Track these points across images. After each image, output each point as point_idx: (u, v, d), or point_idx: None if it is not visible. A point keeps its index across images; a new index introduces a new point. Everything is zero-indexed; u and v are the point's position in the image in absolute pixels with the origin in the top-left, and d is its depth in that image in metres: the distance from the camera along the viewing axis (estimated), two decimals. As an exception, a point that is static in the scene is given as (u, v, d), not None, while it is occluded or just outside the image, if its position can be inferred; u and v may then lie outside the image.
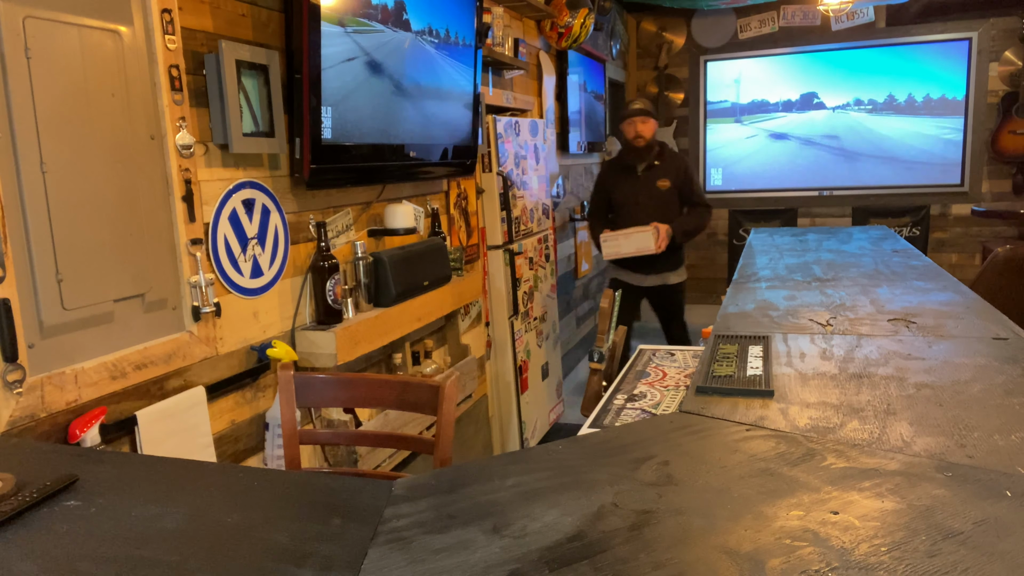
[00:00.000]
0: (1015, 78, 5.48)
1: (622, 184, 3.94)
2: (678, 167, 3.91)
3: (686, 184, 3.91)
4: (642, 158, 3.86)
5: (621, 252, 3.78)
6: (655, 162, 3.88)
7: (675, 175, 3.88)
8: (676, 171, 3.89)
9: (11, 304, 1.45)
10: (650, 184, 3.87)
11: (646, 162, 3.86)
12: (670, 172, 3.88)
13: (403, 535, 0.86)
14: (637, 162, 3.88)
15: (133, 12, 1.74)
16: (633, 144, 3.85)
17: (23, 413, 1.47)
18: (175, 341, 1.85)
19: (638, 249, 3.74)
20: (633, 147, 3.86)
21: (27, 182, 1.50)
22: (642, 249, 3.74)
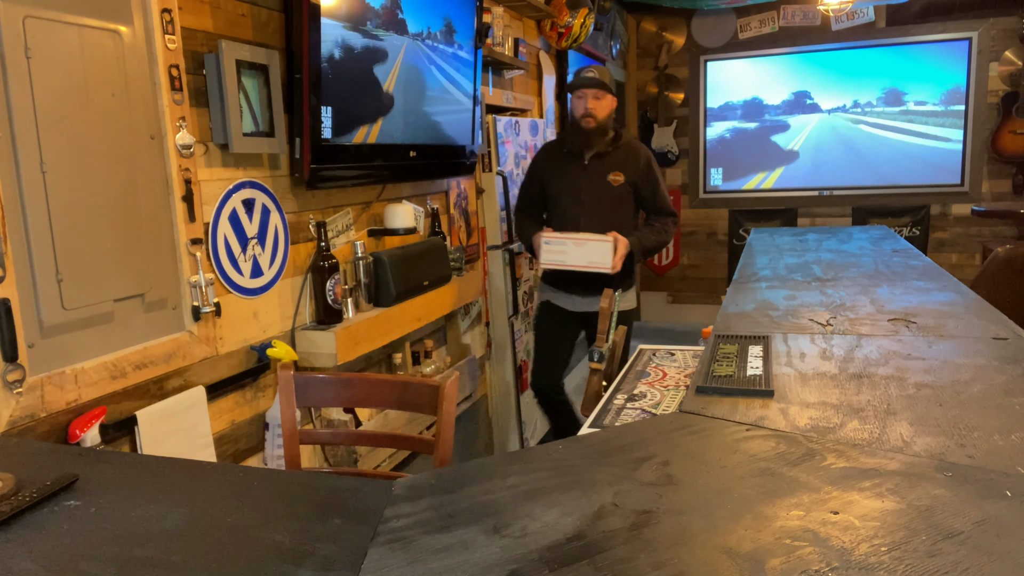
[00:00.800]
0: (1015, 78, 5.48)
1: (561, 174, 3.04)
2: (637, 160, 3.01)
3: (648, 184, 3.04)
4: (590, 143, 2.96)
5: (566, 262, 2.85)
6: (607, 150, 3.00)
7: (632, 170, 3.00)
8: (634, 165, 3.01)
9: (11, 304, 1.45)
10: (598, 177, 3.00)
11: (595, 149, 2.97)
12: (626, 165, 3.00)
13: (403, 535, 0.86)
14: (584, 148, 2.98)
15: (133, 12, 1.74)
16: (580, 124, 2.96)
17: (23, 413, 1.47)
18: (175, 341, 1.85)
19: (589, 263, 2.84)
20: (580, 128, 2.96)
21: (27, 182, 1.50)
22: (593, 264, 2.84)
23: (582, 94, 2.94)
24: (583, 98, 2.93)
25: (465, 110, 3.04)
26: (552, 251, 2.86)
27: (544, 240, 2.86)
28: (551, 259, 2.84)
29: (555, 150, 3.12)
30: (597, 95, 2.93)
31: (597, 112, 2.93)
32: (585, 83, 2.92)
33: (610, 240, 2.82)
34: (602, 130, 2.95)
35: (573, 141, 3.01)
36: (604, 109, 2.95)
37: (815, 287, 2.25)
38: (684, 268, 6.61)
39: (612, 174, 2.99)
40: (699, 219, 6.50)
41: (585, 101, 2.93)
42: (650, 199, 3.06)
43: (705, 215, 6.48)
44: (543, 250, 2.86)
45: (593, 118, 2.93)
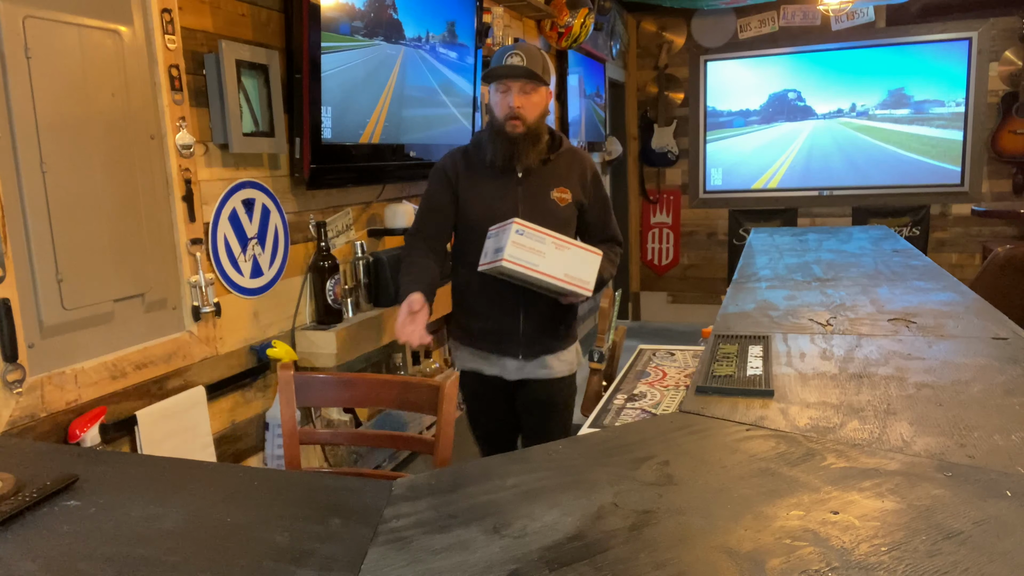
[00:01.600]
0: (1015, 78, 5.48)
1: (486, 192, 2.16)
2: (583, 173, 2.23)
3: (596, 204, 2.26)
4: (520, 154, 2.12)
5: (537, 268, 1.95)
6: (548, 158, 2.18)
7: (579, 185, 2.21)
8: (580, 179, 2.22)
9: (11, 304, 1.45)
10: (539, 196, 2.16)
11: (531, 160, 2.14)
12: (571, 179, 2.20)
13: (403, 535, 0.86)
14: (514, 160, 2.13)
15: (133, 12, 1.74)
16: (505, 129, 2.09)
17: (23, 413, 1.47)
18: (175, 341, 1.85)
19: (566, 277, 1.98)
20: (503, 134, 2.10)
21: (27, 182, 1.50)
22: (571, 280, 1.99)
23: (505, 86, 2.07)
24: (507, 92, 2.07)
25: (465, 109, 3.04)
26: (523, 247, 1.92)
27: (517, 228, 1.92)
28: (518, 258, 1.92)
29: (470, 158, 2.21)
30: (526, 88, 2.06)
31: (527, 111, 2.06)
32: (508, 72, 2.05)
33: (600, 253, 2.03)
34: (534, 136, 2.10)
35: (495, 151, 2.12)
36: (536, 107, 2.09)
37: (815, 287, 2.25)
38: (684, 268, 6.61)
39: (557, 190, 2.16)
40: (699, 219, 6.50)
41: (510, 97, 2.06)
42: (599, 223, 2.27)
43: (705, 215, 6.48)
44: (512, 242, 1.90)
45: (521, 120, 2.06)
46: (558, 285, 1.96)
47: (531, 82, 2.07)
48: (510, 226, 1.91)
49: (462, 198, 2.18)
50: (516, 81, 2.06)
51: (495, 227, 1.99)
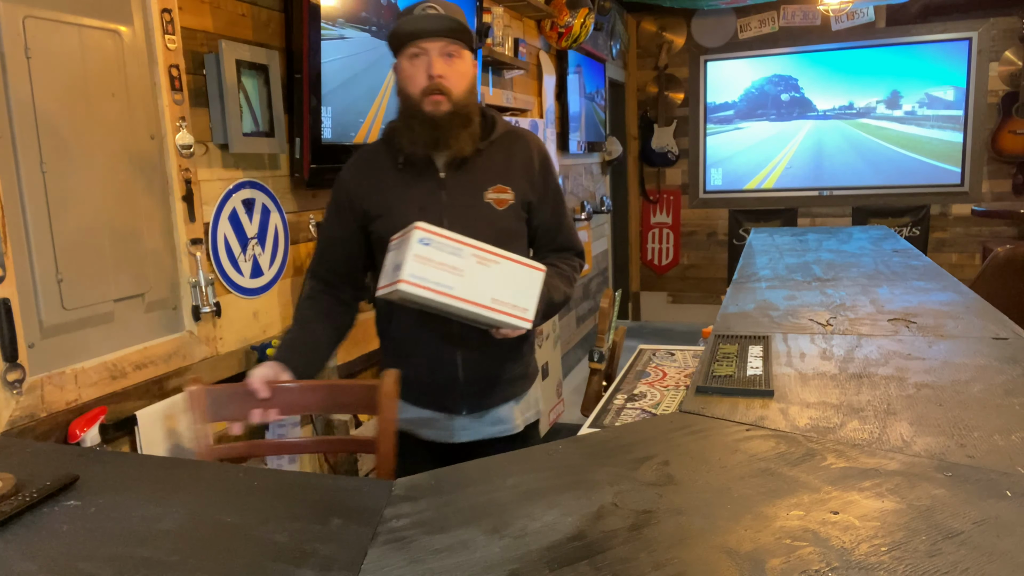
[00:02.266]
0: (1015, 78, 5.48)
1: (398, 200, 1.63)
2: (528, 161, 1.68)
3: (548, 201, 1.71)
4: (445, 139, 1.58)
5: (452, 293, 1.37)
6: (480, 147, 1.63)
7: (523, 179, 1.67)
8: (525, 170, 1.67)
9: (11, 304, 1.45)
10: (469, 197, 1.63)
11: (456, 148, 1.59)
12: (512, 171, 1.66)
13: (403, 535, 0.86)
14: (432, 148, 1.60)
15: (133, 12, 1.74)
16: (422, 108, 1.55)
17: (23, 413, 1.47)
18: (175, 341, 1.85)
19: (494, 303, 1.41)
20: (421, 114, 1.56)
21: (27, 182, 1.50)
22: (503, 308, 1.42)
23: (419, 49, 1.53)
24: (421, 57, 1.53)
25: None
26: (430, 262, 1.34)
27: (420, 237, 1.35)
28: (424, 279, 1.33)
29: (379, 160, 1.65)
30: (448, 49, 1.53)
31: (451, 82, 1.54)
32: (424, 29, 1.52)
33: (543, 269, 1.45)
34: (463, 116, 1.57)
35: (411, 139, 1.57)
36: (463, 77, 1.57)
37: (815, 287, 2.25)
38: (684, 268, 6.61)
39: (493, 189, 1.62)
40: (699, 219, 6.50)
41: (427, 62, 1.52)
42: (551, 225, 1.72)
43: (705, 215, 6.48)
44: (413, 257, 1.34)
45: (446, 95, 1.53)
46: (484, 315, 1.36)
47: (455, 42, 1.52)
48: (412, 234, 1.32)
49: (372, 213, 1.61)
50: (435, 41, 1.51)
51: (396, 236, 1.43)
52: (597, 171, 5.77)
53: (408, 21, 1.53)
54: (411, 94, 1.55)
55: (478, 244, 1.39)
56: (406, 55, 1.55)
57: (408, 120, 1.58)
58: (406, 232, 1.38)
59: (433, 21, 1.52)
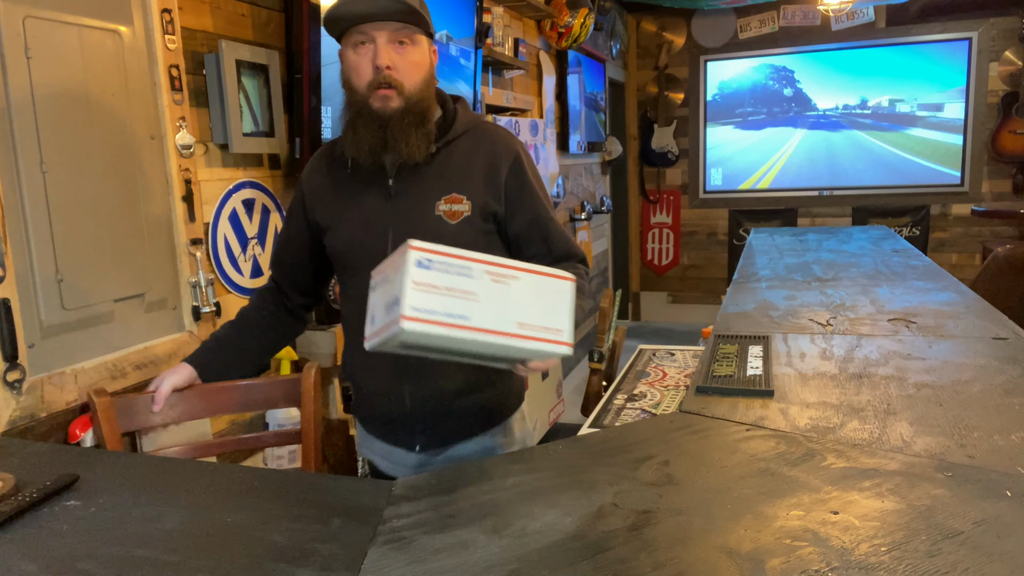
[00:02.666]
0: (1015, 78, 5.48)
1: (342, 211, 1.46)
2: (492, 163, 1.44)
3: (523, 207, 1.46)
4: (394, 141, 1.36)
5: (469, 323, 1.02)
6: (432, 150, 1.41)
7: (487, 183, 1.43)
8: (490, 172, 1.43)
9: (11, 304, 1.45)
10: (416, 210, 1.41)
11: (406, 152, 1.37)
12: (472, 175, 1.43)
13: (403, 535, 0.86)
14: (380, 152, 1.38)
15: (133, 12, 1.74)
16: (369, 104, 1.34)
17: (23, 413, 1.47)
18: (175, 341, 1.85)
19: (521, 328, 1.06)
20: (369, 112, 1.35)
21: (27, 182, 1.50)
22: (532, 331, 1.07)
23: (364, 35, 1.32)
24: (368, 43, 1.32)
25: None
26: (435, 289, 1.02)
27: (416, 259, 1.01)
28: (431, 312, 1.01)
29: (335, 160, 1.48)
30: (398, 36, 1.32)
31: (402, 73, 1.33)
32: (369, 12, 1.30)
33: (572, 278, 1.12)
34: (416, 113, 1.35)
35: (356, 142, 1.37)
36: (417, 68, 1.36)
37: (815, 287, 2.25)
38: (684, 268, 6.61)
39: (446, 199, 1.40)
40: (699, 219, 6.50)
41: (373, 50, 1.32)
42: (534, 237, 1.47)
43: (705, 215, 6.48)
44: (412, 285, 1.00)
45: (395, 88, 1.32)
46: (511, 345, 1.06)
47: (407, 27, 1.31)
48: (405, 257, 1.01)
49: (321, 224, 1.45)
50: (382, 27, 1.29)
51: (378, 270, 1.12)
52: (597, 171, 5.77)
53: (349, 1, 1.29)
54: (356, 87, 1.34)
55: (488, 258, 1.07)
56: (350, 42, 1.34)
57: (353, 119, 1.36)
58: (395, 259, 1.06)
59: (379, 2, 1.28)
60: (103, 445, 1.44)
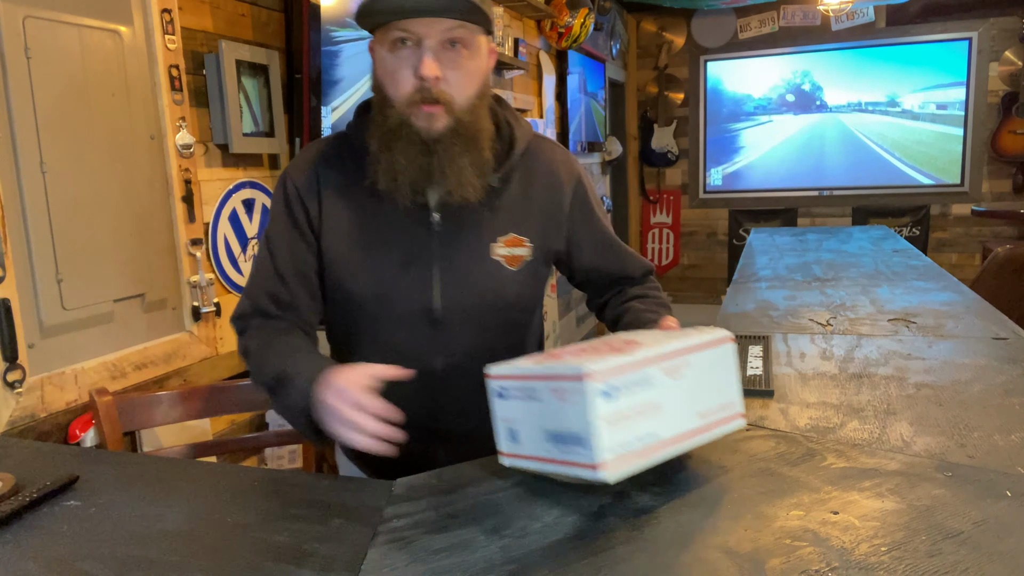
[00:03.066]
0: (1015, 78, 5.48)
1: (366, 240, 1.15)
2: (555, 192, 1.22)
3: (589, 233, 1.27)
4: (446, 172, 1.08)
5: (661, 437, 0.88)
6: (494, 185, 1.15)
7: (550, 219, 1.22)
8: (552, 206, 1.22)
9: (11, 304, 1.45)
10: (469, 254, 1.16)
11: (464, 184, 1.10)
12: (533, 215, 1.20)
13: (403, 535, 0.86)
14: (425, 183, 1.10)
15: (133, 12, 1.74)
16: (410, 121, 1.07)
17: (23, 413, 1.47)
18: (175, 341, 1.85)
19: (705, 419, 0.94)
20: (411, 133, 1.07)
21: (27, 182, 1.50)
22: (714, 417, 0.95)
23: (406, 33, 1.05)
24: (410, 47, 1.06)
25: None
26: (625, 419, 0.84)
27: (602, 390, 0.81)
28: (627, 446, 0.84)
29: (344, 168, 1.19)
30: (452, 35, 1.05)
31: (453, 85, 1.08)
32: (417, 5, 1.02)
33: (731, 336, 0.99)
34: (469, 134, 1.10)
35: (390, 171, 1.10)
36: (471, 76, 1.10)
37: (815, 287, 2.25)
38: (684, 268, 6.61)
39: (505, 240, 1.18)
40: (699, 219, 6.50)
41: (418, 56, 1.05)
42: (609, 263, 1.31)
43: (705, 215, 6.48)
44: (602, 425, 0.82)
45: (443, 104, 1.07)
46: (696, 442, 0.93)
47: (464, 25, 1.04)
48: (582, 391, 0.82)
49: (329, 255, 1.16)
50: (433, 25, 1.02)
51: (504, 374, 0.94)
52: (597, 171, 5.77)
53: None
54: (392, 98, 1.07)
55: (654, 348, 0.89)
56: (387, 39, 1.05)
57: (387, 138, 1.07)
58: (545, 377, 0.88)
59: (426, 5, 0.99)
60: (103, 445, 1.44)
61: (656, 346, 0.90)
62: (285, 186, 1.20)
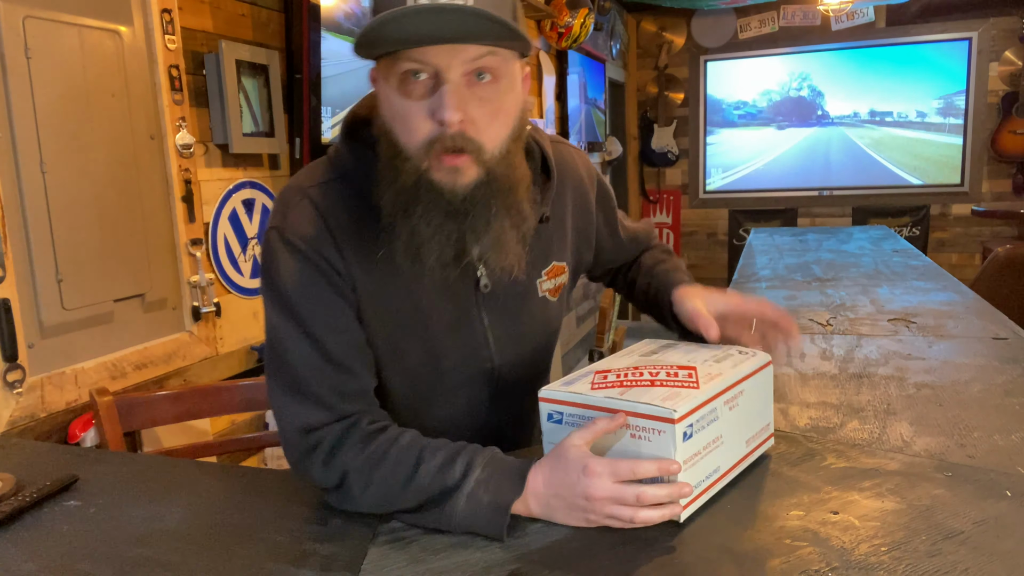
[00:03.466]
0: (1015, 78, 5.48)
1: (414, 313, 0.97)
2: (584, 207, 1.12)
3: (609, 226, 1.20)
4: (475, 234, 0.86)
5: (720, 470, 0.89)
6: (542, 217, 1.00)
7: (581, 238, 1.13)
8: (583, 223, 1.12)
9: (11, 304, 1.45)
10: (519, 301, 1.04)
11: (506, 241, 0.89)
12: (568, 234, 1.10)
13: (403, 535, 0.86)
14: (459, 253, 0.88)
15: (133, 12, 1.74)
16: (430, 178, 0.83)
17: (23, 413, 1.47)
18: (175, 341, 1.85)
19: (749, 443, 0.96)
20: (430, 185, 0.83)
21: (27, 182, 1.50)
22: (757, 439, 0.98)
23: (419, 64, 0.81)
24: (426, 76, 0.81)
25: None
26: (698, 458, 0.84)
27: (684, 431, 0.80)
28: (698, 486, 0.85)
29: (361, 235, 0.93)
30: (479, 64, 0.81)
31: (483, 127, 0.83)
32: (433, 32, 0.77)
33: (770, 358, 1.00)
34: (507, 185, 0.87)
35: (416, 244, 0.86)
36: (505, 115, 0.86)
37: (815, 287, 2.25)
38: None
39: (549, 272, 1.08)
40: (699, 219, 6.50)
41: (437, 95, 0.81)
42: (622, 247, 1.25)
43: (705, 215, 6.48)
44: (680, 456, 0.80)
45: (471, 153, 0.83)
46: (742, 467, 0.95)
47: (495, 51, 0.82)
48: (668, 433, 0.80)
49: (380, 341, 0.98)
50: (455, 55, 0.80)
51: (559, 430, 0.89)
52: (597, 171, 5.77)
53: (400, 14, 0.74)
54: (404, 147, 0.84)
55: (718, 381, 0.88)
56: (394, 71, 0.82)
57: (402, 199, 0.85)
58: (620, 407, 0.83)
59: (454, 14, 0.75)
60: (104, 445, 1.44)
61: (709, 370, 0.90)
62: (297, 248, 0.92)
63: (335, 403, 0.92)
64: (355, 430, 0.90)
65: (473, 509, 0.82)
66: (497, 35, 0.79)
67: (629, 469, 0.79)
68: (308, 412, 0.91)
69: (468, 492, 0.82)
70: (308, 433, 0.91)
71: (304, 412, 0.91)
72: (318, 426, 0.91)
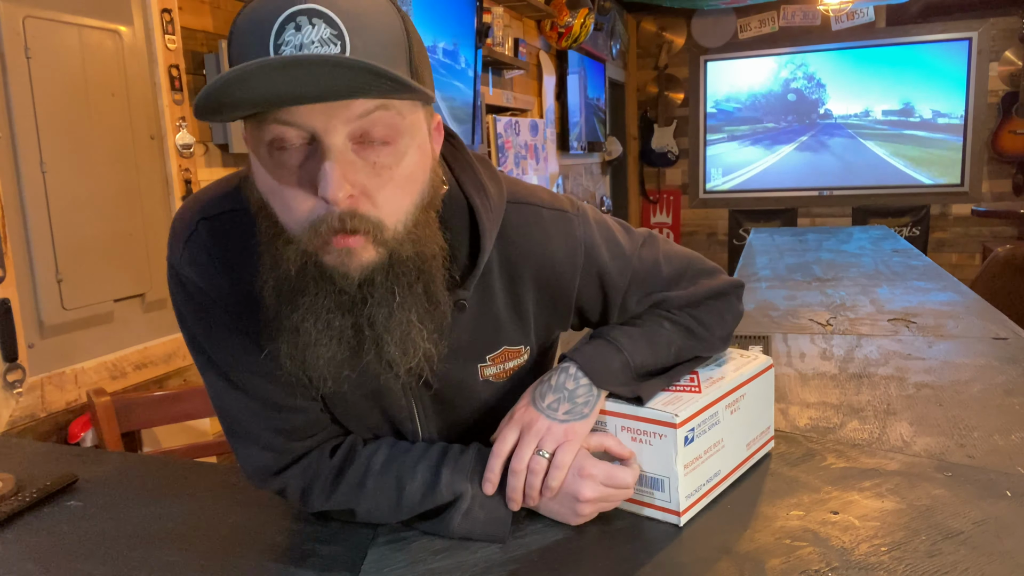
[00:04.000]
0: (1015, 78, 5.48)
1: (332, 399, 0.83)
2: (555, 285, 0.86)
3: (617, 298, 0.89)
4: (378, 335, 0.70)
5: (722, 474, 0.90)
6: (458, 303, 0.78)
7: (551, 313, 0.89)
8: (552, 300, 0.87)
9: (11, 304, 1.45)
10: (456, 387, 0.86)
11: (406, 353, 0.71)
12: (528, 313, 0.86)
13: (403, 535, 0.86)
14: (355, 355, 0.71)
15: (133, 12, 1.74)
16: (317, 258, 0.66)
17: (23, 413, 1.47)
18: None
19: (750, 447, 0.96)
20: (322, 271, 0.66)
21: (27, 182, 1.50)
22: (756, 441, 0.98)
23: (294, 126, 0.62)
24: (298, 143, 0.63)
25: (465, 110, 3.04)
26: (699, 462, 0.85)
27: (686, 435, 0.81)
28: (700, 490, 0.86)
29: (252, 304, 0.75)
30: (367, 124, 0.63)
31: (380, 201, 0.66)
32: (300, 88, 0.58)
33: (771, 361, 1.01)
34: (415, 265, 0.70)
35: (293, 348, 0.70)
36: (407, 183, 0.68)
37: (815, 287, 2.25)
38: (684, 268, 6.61)
39: (493, 358, 0.87)
40: (699, 219, 6.50)
41: (324, 174, 0.62)
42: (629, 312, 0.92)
43: (705, 215, 6.48)
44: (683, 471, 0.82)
45: (368, 233, 0.65)
46: (742, 471, 0.95)
47: (386, 104, 0.64)
48: (670, 438, 0.81)
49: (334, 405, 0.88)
50: (334, 114, 0.62)
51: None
52: (597, 171, 5.77)
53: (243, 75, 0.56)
54: (286, 227, 0.68)
55: (719, 386, 0.88)
56: (263, 136, 0.64)
57: (283, 288, 0.70)
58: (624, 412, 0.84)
59: (317, 68, 0.57)
60: (102, 445, 1.44)
61: (711, 374, 0.90)
62: (197, 287, 0.79)
63: (283, 445, 0.84)
64: (318, 469, 0.84)
65: (470, 527, 0.82)
66: (386, 87, 0.60)
67: (622, 478, 0.82)
68: (258, 455, 0.84)
69: (464, 510, 0.82)
70: (269, 477, 0.85)
71: (254, 455, 0.84)
72: (276, 469, 0.84)
